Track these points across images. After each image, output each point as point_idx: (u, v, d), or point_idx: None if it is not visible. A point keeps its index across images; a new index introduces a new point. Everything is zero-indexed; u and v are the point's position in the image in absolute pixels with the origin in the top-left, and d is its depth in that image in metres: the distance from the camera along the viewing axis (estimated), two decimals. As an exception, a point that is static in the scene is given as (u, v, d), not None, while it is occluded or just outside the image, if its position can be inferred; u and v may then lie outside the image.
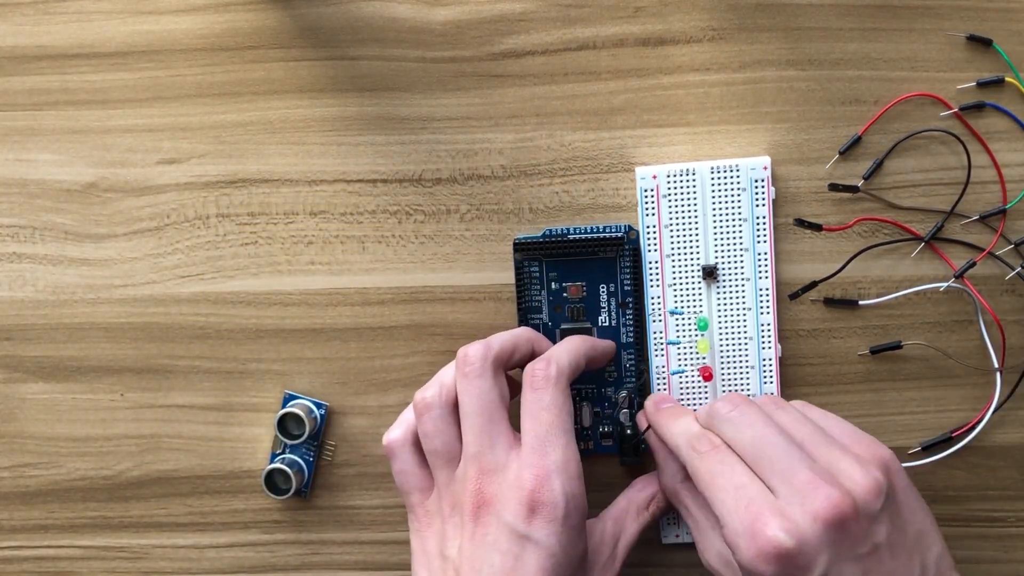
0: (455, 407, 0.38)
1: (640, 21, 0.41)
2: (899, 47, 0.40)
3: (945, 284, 0.41)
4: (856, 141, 0.41)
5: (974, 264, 0.41)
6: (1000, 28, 0.40)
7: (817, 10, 0.40)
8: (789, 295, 0.41)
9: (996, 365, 0.41)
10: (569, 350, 0.39)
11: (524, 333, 0.40)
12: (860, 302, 0.41)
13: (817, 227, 0.41)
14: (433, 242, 0.43)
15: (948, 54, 0.40)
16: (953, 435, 0.42)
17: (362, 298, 0.43)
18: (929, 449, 0.42)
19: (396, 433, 0.40)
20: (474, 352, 0.38)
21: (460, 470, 0.37)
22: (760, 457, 0.36)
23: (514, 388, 0.40)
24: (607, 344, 0.41)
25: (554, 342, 0.41)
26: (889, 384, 0.42)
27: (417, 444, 0.39)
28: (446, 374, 0.39)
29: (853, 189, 0.41)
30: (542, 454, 0.36)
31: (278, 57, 0.42)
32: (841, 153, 0.41)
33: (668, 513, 0.42)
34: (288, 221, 0.43)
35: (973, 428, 0.42)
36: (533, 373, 0.38)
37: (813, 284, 0.41)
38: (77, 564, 0.45)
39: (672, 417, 0.39)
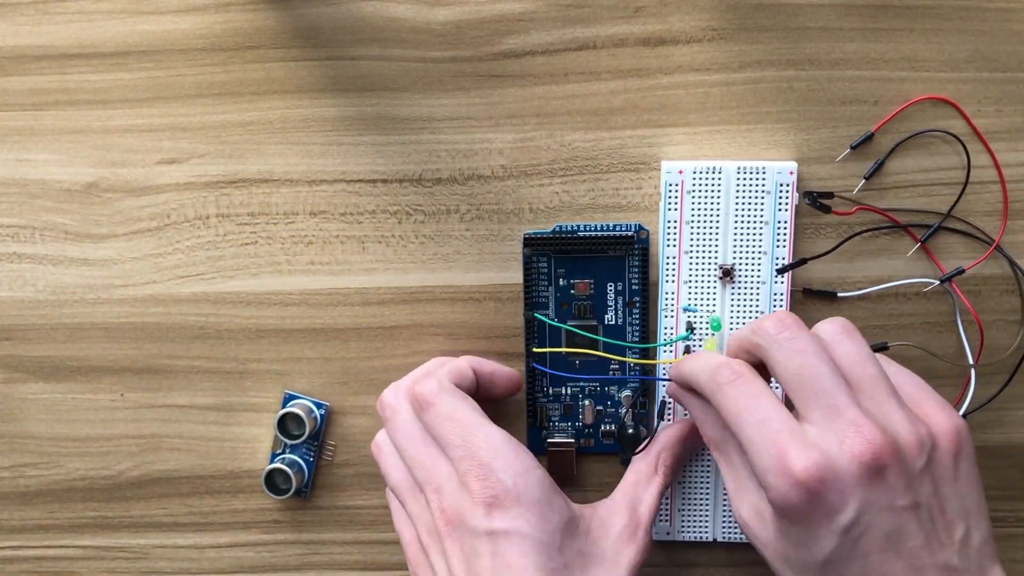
0: None
1: (640, 21, 0.41)
2: (899, 47, 0.40)
3: (928, 281, 0.41)
4: (868, 138, 0.41)
5: (962, 271, 0.41)
6: (1000, 28, 0.40)
7: (817, 10, 0.40)
8: (777, 268, 0.41)
9: (971, 362, 0.41)
10: (443, 363, 0.41)
11: (431, 363, 0.42)
12: (839, 294, 0.41)
13: (827, 209, 0.41)
14: (433, 242, 0.43)
15: (948, 54, 0.40)
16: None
17: (362, 298, 0.43)
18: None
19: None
20: (386, 396, 0.40)
21: (422, 500, 0.38)
22: (802, 389, 0.34)
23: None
24: (499, 370, 0.42)
25: (561, 339, 0.42)
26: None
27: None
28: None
29: (828, 196, 0.41)
30: (470, 453, 0.37)
31: (278, 57, 0.42)
32: (853, 148, 0.41)
33: (681, 470, 0.42)
34: (288, 221, 0.43)
35: None
36: (414, 398, 0.39)
37: (803, 261, 0.41)
38: (77, 564, 0.45)
39: (693, 357, 0.38)
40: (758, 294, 0.41)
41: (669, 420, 0.42)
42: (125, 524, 0.45)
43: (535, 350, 0.42)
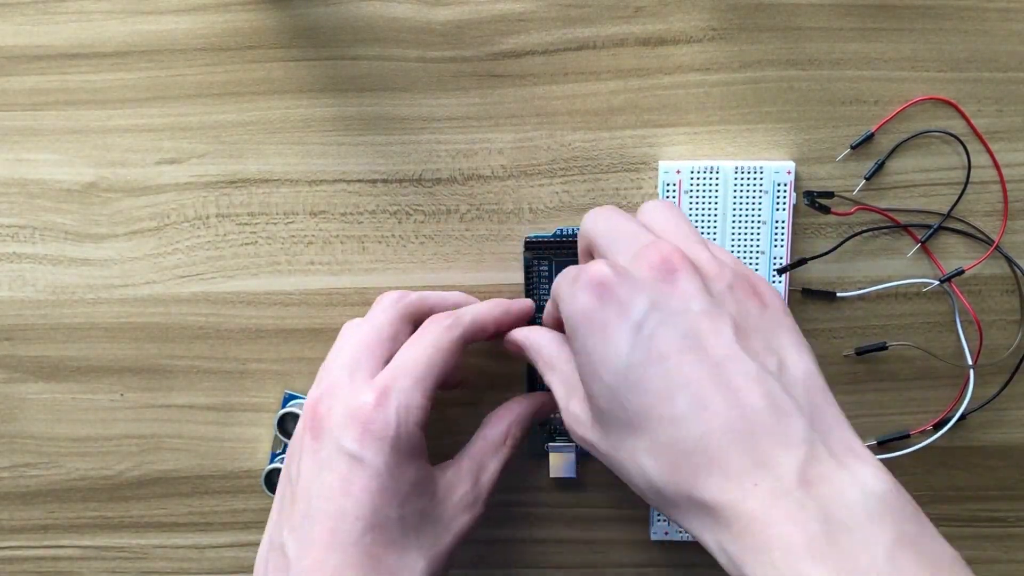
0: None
1: (640, 21, 0.41)
2: (899, 47, 0.40)
3: (928, 281, 0.41)
4: (869, 137, 0.41)
5: (962, 272, 0.41)
6: (1000, 28, 0.40)
7: (817, 10, 0.40)
8: (777, 269, 0.41)
9: (970, 362, 0.41)
10: (477, 311, 0.39)
11: (454, 296, 0.41)
12: (838, 293, 0.41)
13: (826, 209, 0.41)
14: (433, 242, 0.43)
15: (948, 54, 0.40)
16: (912, 433, 0.42)
17: (362, 298, 0.43)
18: (914, 439, 0.42)
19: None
20: (389, 294, 0.40)
21: (311, 389, 0.38)
22: (609, 242, 0.35)
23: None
24: (523, 306, 0.41)
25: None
26: (875, 384, 0.42)
27: None
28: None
29: (828, 195, 0.41)
30: (390, 379, 0.36)
31: (278, 57, 0.42)
32: (853, 148, 0.41)
33: (525, 444, 0.42)
34: (288, 221, 0.43)
35: (943, 424, 0.42)
36: (432, 318, 0.38)
37: (802, 261, 0.41)
38: (77, 564, 0.45)
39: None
40: None
41: None
42: (125, 524, 0.45)
43: None
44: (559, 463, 0.43)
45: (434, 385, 0.37)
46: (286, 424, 0.43)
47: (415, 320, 0.39)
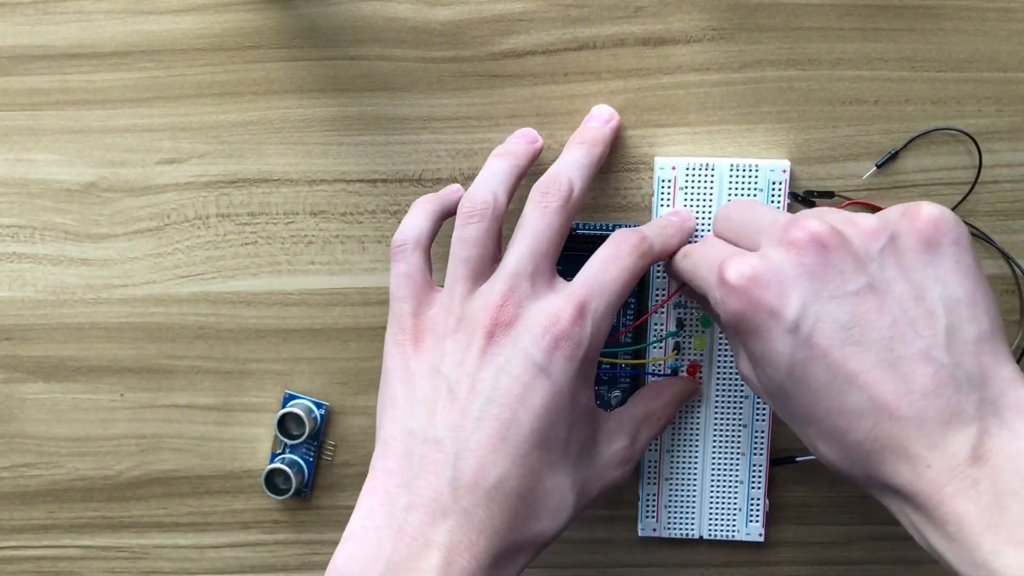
0: (501, 223, 0.37)
1: (640, 21, 0.41)
2: (899, 47, 0.40)
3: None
4: (893, 156, 0.41)
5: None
6: (1000, 28, 0.40)
7: (817, 10, 0.40)
8: None
9: None
10: (665, 240, 0.38)
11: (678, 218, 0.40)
12: None
13: (811, 204, 0.41)
14: (433, 242, 0.43)
15: (948, 54, 0.40)
16: None
17: (362, 298, 0.43)
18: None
19: (413, 231, 0.37)
20: (564, 185, 0.36)
21: (486, 286, 0.36)
22: (745, 225, 0.34)
23: None
24: (692, 224, 0.40)
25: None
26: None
27: (430, 250, 0.38)
28: (499, 185, 0.37)
29: (829, 195, 0.41)
30: (587, 296, 0.35)
31: (278, 57, 0.42)
32: (878, 167, 0.41)
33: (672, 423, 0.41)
34: (288, 221, 0.43)
35: None
36: (622, 237, 0.36)
37: None
38: (77, 564, 0.45)
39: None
40: None
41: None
42: (125, 524, 0.45)
43: None
44: None
45: (618, 310, 0.36)
46: (286, 424, 0.43)
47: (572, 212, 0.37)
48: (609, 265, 0.36)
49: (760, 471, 0.42)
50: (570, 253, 0.42)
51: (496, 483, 0.33)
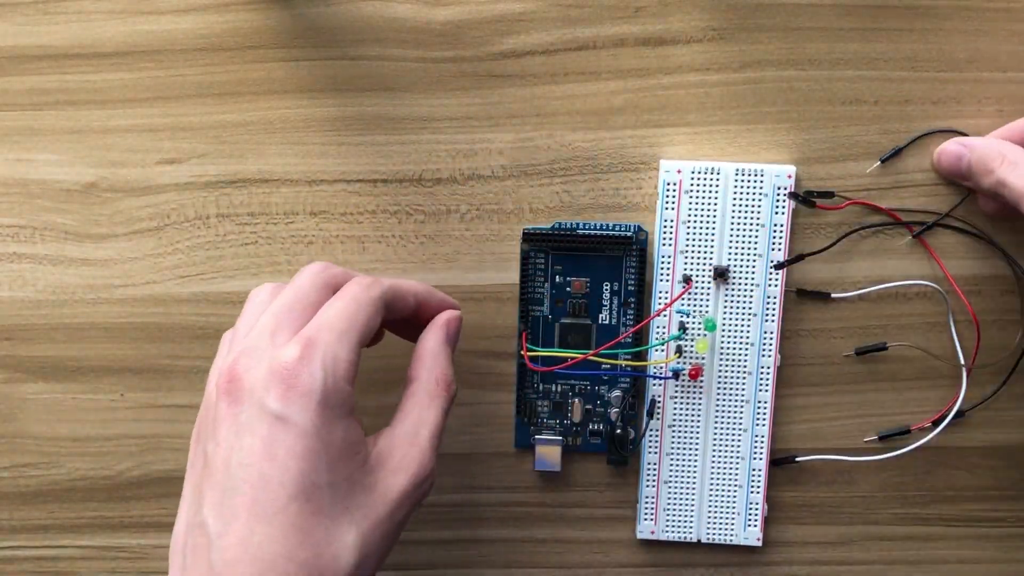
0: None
1: (640, 21, 0.41)
2: (899, 47, 0.40)
3: (924, 284, 0.41)
4: (897, 152, 0.41)
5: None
6: (1000, 28, 0.40)
7: (817, 10, 0.40)
8: (775, 264, 0.41)
9: (962, 362, 0.41)
10: (398, 280, 0.38)
11: (418, 286, 0.39)
12: (832, 294, 0.41)
13: (811, 204, 0.41)
14: (433, 242, 0.43)
15: (948, 54, 0.40)
16: (912, 429, 0.42)
17: (362, 298, 0.43)
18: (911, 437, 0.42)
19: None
20: (313, 263, 0.37)
21: (228, 351, 0.35)
22: None
23: None
24: (449, 302, 0.39)
25: (554, 336, 0.42)
26: (875, 384, 0.42)
27: None
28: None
29: (829, 195, 0.41)
30: (313, 333, 0.33)
31: (278, 57, 0.42)
32: (883, 161, 0.41)
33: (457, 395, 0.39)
34: (288, 221, 0.43)
35: (939, 422, 0.42)
36: (352, 280, 0.36)
37: (801, 256, 0.41)
38: (77, 564, 0.45)
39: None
40: (751, 297, 0.41)
41: (658, 418, 0.42)
42: (125, 524, 0.45)
43: (528, 353, 0.42)
44: (545, 456, 0.43)
45: (359, 340, 0.34)
46: (286, 424, 0.43)
47: (337, 291, 0.37)
48: (335, 301, 0.35)
49: (759, 475, 0.42)
50: (570, 253, 0.42)
51: (258, 552, 0.31)
